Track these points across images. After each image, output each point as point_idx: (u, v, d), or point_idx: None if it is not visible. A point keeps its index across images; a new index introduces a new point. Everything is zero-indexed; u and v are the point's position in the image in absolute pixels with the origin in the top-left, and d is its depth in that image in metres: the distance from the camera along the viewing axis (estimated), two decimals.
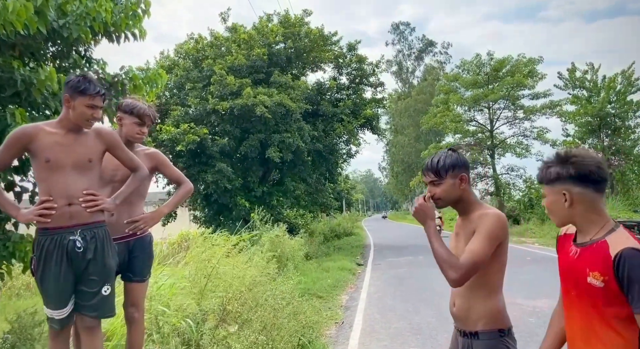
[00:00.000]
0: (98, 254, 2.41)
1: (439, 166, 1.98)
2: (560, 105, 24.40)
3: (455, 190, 1.98)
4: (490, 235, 1.84)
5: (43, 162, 2.37)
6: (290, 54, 18.08)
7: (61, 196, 2.36)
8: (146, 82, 7.42)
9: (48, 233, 2.36)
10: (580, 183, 1.59)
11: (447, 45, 56.16)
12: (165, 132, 15.01)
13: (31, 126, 2.47)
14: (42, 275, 2.36)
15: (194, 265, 4.27)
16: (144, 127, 2.81)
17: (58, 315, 2.38)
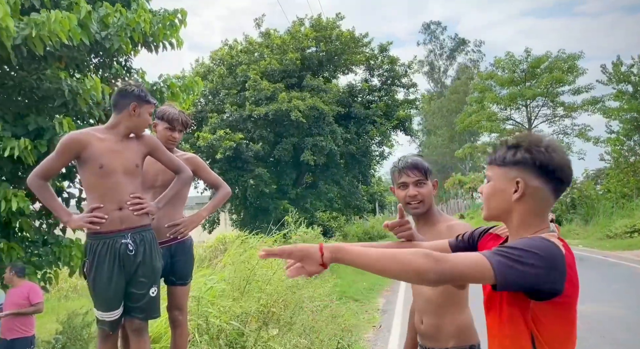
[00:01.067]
0: (147, 256, 2.48)
1: (424, 165, 1.90)
2: (603, 101, 23.39)
3: (432, 196, 1.92)
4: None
5: (97, 168, 2.43)
6: (321, 57, 18.15)
7: (112, 201, 2.43)
8: (183, 89, 7.63)
9: (100, 237, 2.43)
10: (543, 176, 1.26)
11: (479, 43, 54.96)
12: (202, 139, 15.36)
13: (82, 133, 2.52)
14: (94, 278, 2.43)
15: (233, 267, 4.32)
16: (175, 132, 2.86)
17: (109, 317, 2.44)
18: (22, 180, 5.66)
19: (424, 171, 1.90)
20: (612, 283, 8.31)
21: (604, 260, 11.61)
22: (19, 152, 4.79)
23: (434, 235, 1.75)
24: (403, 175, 1.91)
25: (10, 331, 4.90)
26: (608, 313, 6.15)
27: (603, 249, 13.90)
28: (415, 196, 1.88)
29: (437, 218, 1.92)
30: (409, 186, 1.90)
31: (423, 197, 1.88)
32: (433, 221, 1.91)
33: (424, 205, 1.90)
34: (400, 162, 1.95)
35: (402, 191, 1.93)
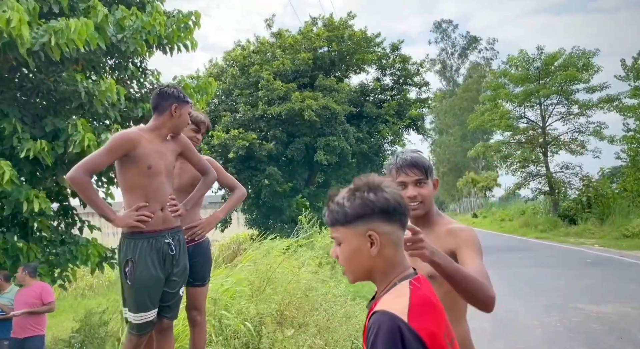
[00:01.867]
0: (181, 257, 2.55)
1: (425, 163, 1.70)
2: (619, 99, 22.99)
3: (432, 196, 1.72)
4: (478, 248, 1.64)
5: (145, 169, 2.45)
6: (333, 56, 18.16)
7: (156, 201, 2.48)
8: (197, 90, 7.70)
9: (144, 237, 2.45)
10: (388, 218, 1.16)
11: (492, 40, 54.41)
12: (217, 138, 15.48)
13: (134, 132, 2.52)
14: (139, 276, 2.43)
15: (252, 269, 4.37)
16: (199, 133, 2.97)
17: (147, 317, 2.44)
18: (41, 181, 5.77)
19: (424, 169, 1.69)
20: (630, 283, 8.19)
21: (621, 259, 11.44)
22: (36, 152, 4.89)
23: (432, 239, 1.50)
24: (401, 174, 1.68)
25: (23, 329, 4.98)
26: (626, 314, 6.06)
27: (620, 249, 13.68)
28: (415, 197, 1.66)
29: (435, 220, 1.73)
30: (407, 186, 1.67)
31: (423, 198, 1.67)
32: (432, 223, 1.71)
33: (424, 206, 1.69)
34: (398, 159, 1.71)
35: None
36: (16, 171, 4.76)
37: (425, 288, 1.18)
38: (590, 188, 22.04)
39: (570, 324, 5.73)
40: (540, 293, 7.75)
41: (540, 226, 22.12)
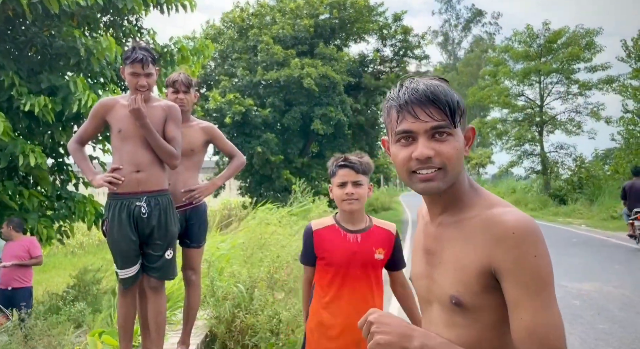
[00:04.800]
0: (162, 220, 2.56)
1: (453, 99, 0.97)
2: (619, 80, 22.90)
3: (462, 157, 1.00)
4: (546, 278, 0.91)
5: (116, 132, 2.56)
6: (334, 24, 17.81)
7: (130, 163, 2.52)
8: (194, 52, 7.56)
9: (117, 198, 2.53)
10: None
11: (497, 14, 53.54)
12: (213, 100, 15.24)
13: (109, 98, 2.70)
14: (111, 236, 2.55)
15: (247, 235, 4.45)
16: (179, 93, 2.87)
17: (124, 274, 2.56)
18: (37, 136, 5.73)
19: (448, 109, 0.96)
20: (613, 263, 8.40)
21: (607, 240, 11.69)
22: (40, 108, 4.86)
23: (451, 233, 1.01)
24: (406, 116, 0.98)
25: (11, 281, 5.11)
26: (606, 292, 6.26)
27: (606, 230, 13.96)
28: (429, 158, 0.95)
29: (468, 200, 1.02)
30: (417, 138, 0.97)
31: (444, 160, 0.95)
32: (461, 205, 1.01)
33: (444, 175, 0.97)
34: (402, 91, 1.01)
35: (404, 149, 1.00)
36: (11, 125, 4.73)
37: None
38: (583, 169, 22.26)
39: None
40: None
41: (530, 204, 22.39)
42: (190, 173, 2.86)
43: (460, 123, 0.99)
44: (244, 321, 3.09)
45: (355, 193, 1.93)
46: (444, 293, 0.99)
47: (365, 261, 1.97)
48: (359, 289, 1.97)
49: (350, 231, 1.99)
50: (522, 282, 0.88)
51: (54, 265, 10.89)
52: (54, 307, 5.11)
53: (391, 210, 26.01)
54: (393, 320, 0.96)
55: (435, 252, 1.03)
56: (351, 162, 1.95)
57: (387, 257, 2.01)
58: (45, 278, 9.05)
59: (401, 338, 0.92)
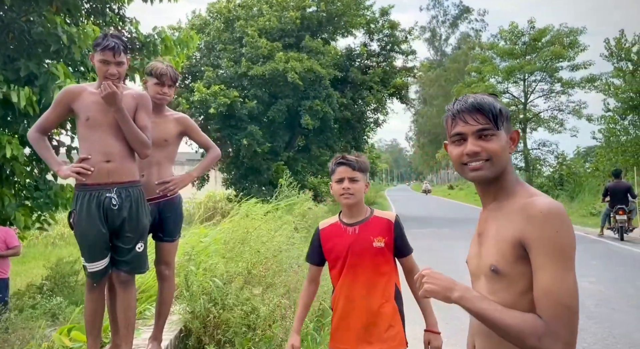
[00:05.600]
0: (133, 212, 2.50)
1: (493, 106, 1.23)
2: (602, 78, 23.29)
3: (506, 154, 1.24)
4: (566, 251, 1.10)
5: (84, 120, 2.47)
6: (321, 17, 17.71)
7: (99, 153, 2.45)
8: (178, 43, 7.43)
9: (86, 189, 2.45)
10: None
11: (483, 12, 53.85)
12: (198, 91, 15.06)
13: (76, 86, 2.59)
14: (79, 228, 2.47)
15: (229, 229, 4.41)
16: (164, 87, 2.81)
17: (93, 268, 2.49)
18: (12, 124, 5.58)
19: (492, 115, 1.22)
20: (591, 259, 8.56)
21: (585, 236, 11.91)
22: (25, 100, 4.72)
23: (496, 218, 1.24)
24: (458, 121, 1.25)
25: None
26: (582, 287, 6.35)
27: (585, 226, 14.23)
28: (477, 153, 1.21)
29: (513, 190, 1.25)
30: (467, 138, 1.24)
31: (490, 154, 1.21)
32: (504, 194, 1.25)
33: (492, 166, 1.22)
34: (455, 104, 1.29)
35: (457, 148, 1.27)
36: None
37: None
38: (564, 166, 22.63)
39: None
40: None
41: None
42: (164, 165, 2.80)
43: (504, 127, 1.23)
44: (217, 316, 3.06)
45: (352, 188, 2.11)
46: (486, 264, 1.22)
47: (364, 250, 2.11)
48: (362, 277, 2.11)
49: (349, 225, 2.17)
50: (543, 251, 1.09)
51: (34, 256, 10.70)
52: (30, 299, 5.02)
53: (376, 204, 26.14)
54: (441, 276, 1.22)
55: (484, 233, 1.29)
56: (348, 160, 2.16)
57: (389, 244, 2.13)
58: (24, 270, 8.89)
59: (444, 289, 1.18)
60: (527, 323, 1.08)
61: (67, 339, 2.78)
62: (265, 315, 3.11)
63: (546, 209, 1.12)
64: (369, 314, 2.09)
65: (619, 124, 22.95)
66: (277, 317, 3.23)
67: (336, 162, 2.19)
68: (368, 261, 2.10)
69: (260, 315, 3.07)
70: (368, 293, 2.09)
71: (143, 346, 2.81)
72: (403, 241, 2.17)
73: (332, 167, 2.20)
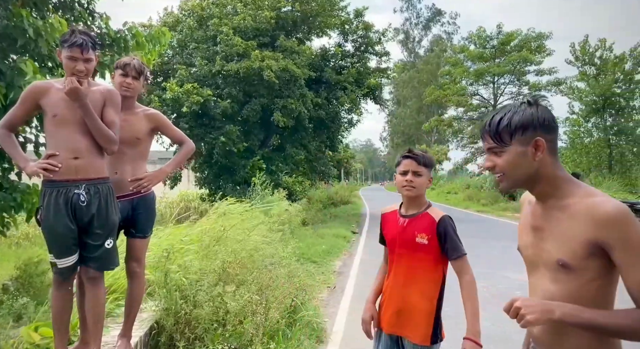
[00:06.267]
0: (102, 209, 2.49)
1: (501, 126, 1.38)
2: (567, 82, 24.15)
3: (525, 163, 1.37)
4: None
5: (51, 117, 2.46)
6: (296, 17, 17.73)
7: (67, 150, 2.44)
8: (149, 39, 7.33)
9: (54, 185, 2.44)
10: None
11: (455, 15, 54.92)
12: (170, 90, 14.85)
13: (43, 82, 2.55)
14: (47, 224, 2.45)
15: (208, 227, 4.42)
16: (128, 77, 2.81)
17: (62, 264, 2.48)
18: None
19: (498, 134, 1.40)
20: None
21: None
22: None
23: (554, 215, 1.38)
24: (482, 139, 1.49)
25: None
26: None
27: None
28: (490, 168, 1.45)
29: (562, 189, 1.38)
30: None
31: (501, 169, 1.42)
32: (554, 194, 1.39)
33: (508, 178, 1.41)
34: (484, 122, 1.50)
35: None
36: None
37: None
38: None
39: (495, 291, 6.21)
40: (474, 262, 8.27)
41: (482, 200, 23.27)
42: (136, 162, 2.80)
43: (516, 140, 1.37)
44: (189, 312, 3.07)
45: (414, 181, 2.18)
46: (551, 257, 1.36)
47: (407, 243, 2.20)
48: (404, 268, 2.21)
49: (403, 216, 2.25)
50: (630, 251, 1.23)
51: None
52: None
53: (350, 203, 26.34)
54: (535, 301, 1.29)
55: (543, 227, 1.41)
56: (415, 154, 2.22)
57: (434, 243, 2.15)
58: None
59: (545, 313, 1.25)
60: (636, 319, 1.22)
61: (37, 334, 2.74)
62: (235, 311, 3.14)
63: (617, 212, 1.25)
64: (404, 304, 2.18)
65: (583, 127, 23.84)
66: (247, 313, 3.26)
67: (403, 154, 2.25)
68: (411, 254, 2.17)
69: (230, 311, 3.09)
70: (406, 284, 2.19)
71: (112, 343, 2.80)
72: (449, 242, 2.13)
73: (398, 159, 2.27)
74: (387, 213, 2.35)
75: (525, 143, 1.36)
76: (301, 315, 4.41)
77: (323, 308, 5.55)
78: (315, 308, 5.01)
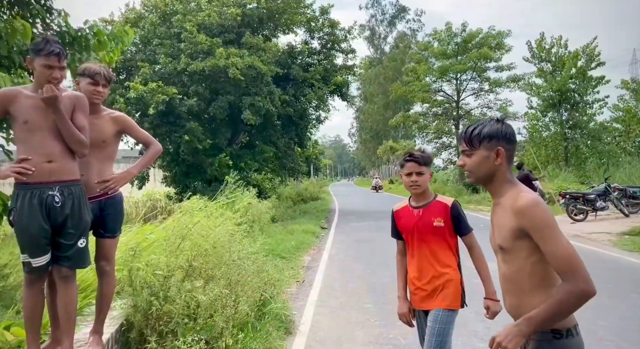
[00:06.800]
0: (75, 209, 2.58)
1: (473, 134, 1.77)
2: (525, 78, 25.07)
3: (487, 164, 1.74)
4: (550, 227, 1.60)
5: (22, 123, 2.52)
6: (262, 14, 17.72)
7: (40, 154, 2.51)
8: (111, 38, 7.23)
9: (28, 188, 2.50)
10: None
11: (420, 12, 55.87)
12: (134, 89, 14.59)
13: (11, 89, 2.61)
14: (20, 225, 2.51)
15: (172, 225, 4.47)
16: (98, 86, 2.86)
17: (35, 263, 2.54)
18: None
19: (470, 140, 1.78)
20: None
21: None
22: None
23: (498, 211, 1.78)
24: (459, 143, 1.89)
25: None
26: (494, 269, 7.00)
27: None
28: (461, 166, 1.86)
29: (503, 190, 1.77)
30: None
31: (468, 167, 1.80)
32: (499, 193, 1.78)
33: (473, 175, 1.80)
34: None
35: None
36: None
37: None
38: None
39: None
40: None
41: (447, 193, 23.88)
42: (103, 165, 2.86)
43: (483, 146, 1.75)
44: (160, 308, 3.15)
45: (418, 180, 2.57)
46: (496, 244, 1.78)
47: (426, 228, 2.58)
48: (425, 250, 2.60)
49: (415, 208, 2.65)
50: (540, 231, 1.60)
51: None
52: None
53: (320, 199, 26.56)
54: (506, 330, 1.61)
55: (493, 221, 1.82)
56: (415, 157, 2.58)
57: (448, 224, 2.58)
58: None
59: (519, 335, 1.58)
60: (562, 293, 1.54)
61: (9, 333, 2.77)
62: (206, 305, 3.24)
63: (530, 202, 1.63)
64: (433, 278, 2.58)
65: (541, 121, 24.84)
66: (217, 307, 3.37)
67: (405, 158, 2.62)
68: (430, 236, 2.58)
69: (201, 305, 3.20)
70: (432, 262, 2.59)
71: (84, 341, 2.86)
72: (460, 222, 2.60)
73: (401, 162, 2.65)
74: (399, 209, 2.73)
75: (490, 149, 1.74)
76: (270, 308, 4.55)
77: (292, 302, 5.70)
78: (283, 302, 5.15)
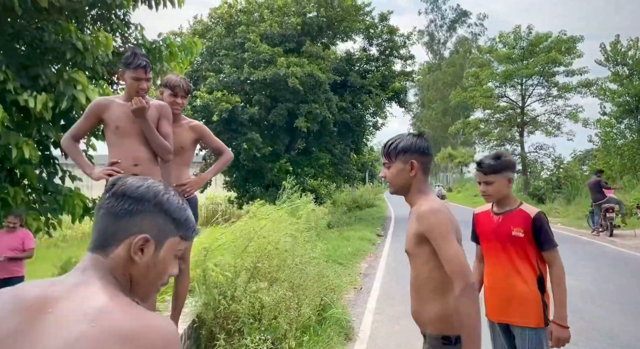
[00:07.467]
0: None
1: (390, 148, 1.90)
2: (598, 83, 23.57)
3: (403, 176, 1.87)
4: (443, 233, 1.73)
5: (113, 129, 2.77)
6: (322, 23, 17.97)
7: (128, 157, 2.75)
8: (182, 49, 7.65)
9: None
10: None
11: (482, 16, 54.16)
12: (200, 97, 15.31)
13: (105, 98, 2.90)
14: None
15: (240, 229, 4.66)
16: (177, 97, 3.07)
17: None
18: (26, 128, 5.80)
19: (387, 153, 1.91)
20: (581, 259, 8.79)
21: (579, 238, 12.14)
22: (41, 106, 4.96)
23: (410, 217, 1.89)
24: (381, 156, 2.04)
25: (5, 271, 5.18)
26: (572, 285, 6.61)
27: (580, 228, 14.45)
28: (384, 177, 1.97)
29: (413, 200, 1.91)
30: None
31: (388, 179, 1.93)
32: (411, 202, 1.91)
33: (392, 185, 1.92)
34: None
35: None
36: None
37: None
38: (561, 169, 22.83)
39: None
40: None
41: None
42: (181, 170, 3.06)
43: (398, 159, 1.87)
44: (227, 307, 3.28)
45: (487, 190, 2.45)
46: (405, 249, 1.90)
47: (504, 236, 2.42)
48: (501, 259, 2.43)
49: (496, 214, 2.50)
50: (434, 237, 1.73)
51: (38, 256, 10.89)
52: None
53: (375, 206, 26.35)
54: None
55: (407, 228, 1.90)
56: (481, 167, 2.49)
57: (528, 235, 2.38)
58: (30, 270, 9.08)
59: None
60: (458, 305, 1.65)
61: None
62: (270, 306, 3.33)
63: (426, 211, 1.77)
64: (507, 291, 2.40)
65: (616, 128, 23.21)
66: (281, 309, 3.45)
67: (476, 167, 2.56)
68: (508, 246, 2.40)
69: (265, 306, 3.29)
70: (508, 273, 2.40)
71: None
72: (543, 236, 2.37)
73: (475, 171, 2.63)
74: (480, 213, 2.62)
75: (405, 162, 1.86)
76: (330, 313, 4.58)
77: (350, 308, 5.70)
78: (343, 307, 5.17)
